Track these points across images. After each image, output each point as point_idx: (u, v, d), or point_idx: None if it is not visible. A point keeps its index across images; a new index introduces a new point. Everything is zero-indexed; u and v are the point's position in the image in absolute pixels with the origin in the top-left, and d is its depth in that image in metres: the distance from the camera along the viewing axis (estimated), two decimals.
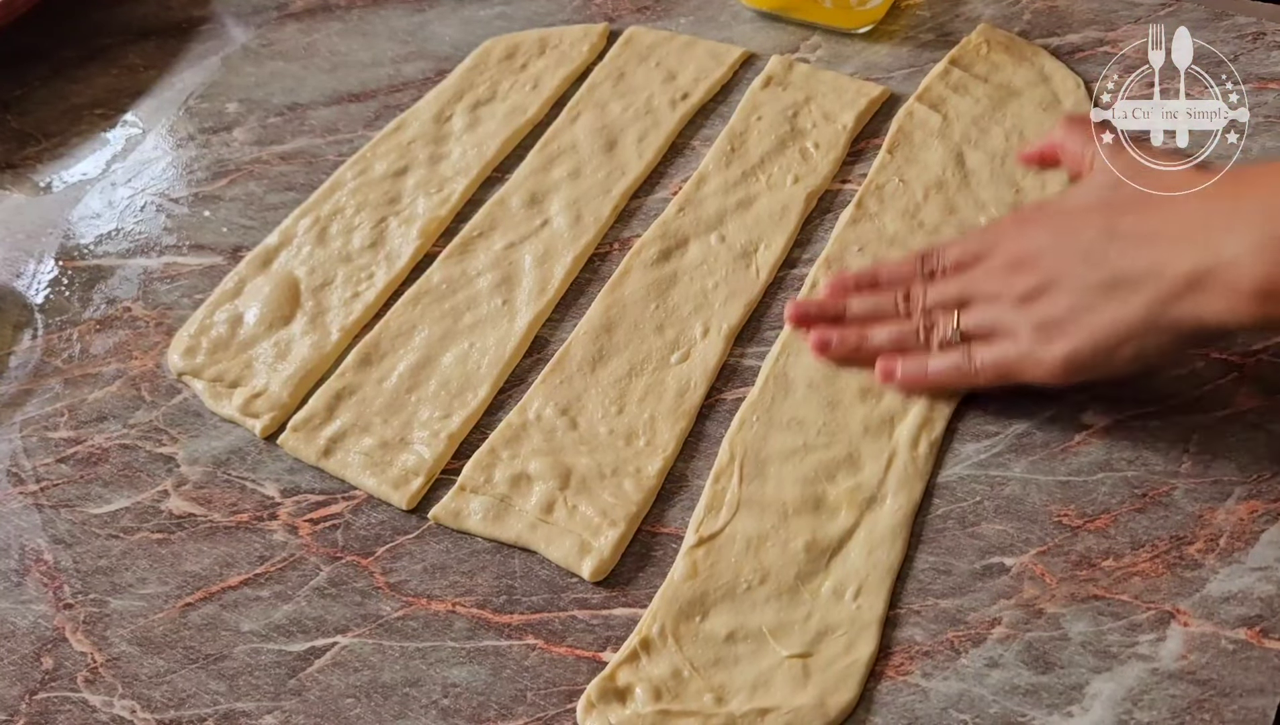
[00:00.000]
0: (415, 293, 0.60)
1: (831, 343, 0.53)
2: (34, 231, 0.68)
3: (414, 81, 0.73)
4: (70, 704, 0.47)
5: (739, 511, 0.49)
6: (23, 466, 0.56)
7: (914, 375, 0.51)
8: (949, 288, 0.52)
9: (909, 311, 0.52)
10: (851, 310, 0.54)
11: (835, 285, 0.55)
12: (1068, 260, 0.48)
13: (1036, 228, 0.50)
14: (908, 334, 0.52)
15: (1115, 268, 0.46)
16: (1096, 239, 0.47)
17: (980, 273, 0.51)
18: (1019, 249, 0.50)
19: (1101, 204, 0.49)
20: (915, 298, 0.52)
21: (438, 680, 0.46)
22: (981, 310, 0.50)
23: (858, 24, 0.71)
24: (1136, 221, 0.47)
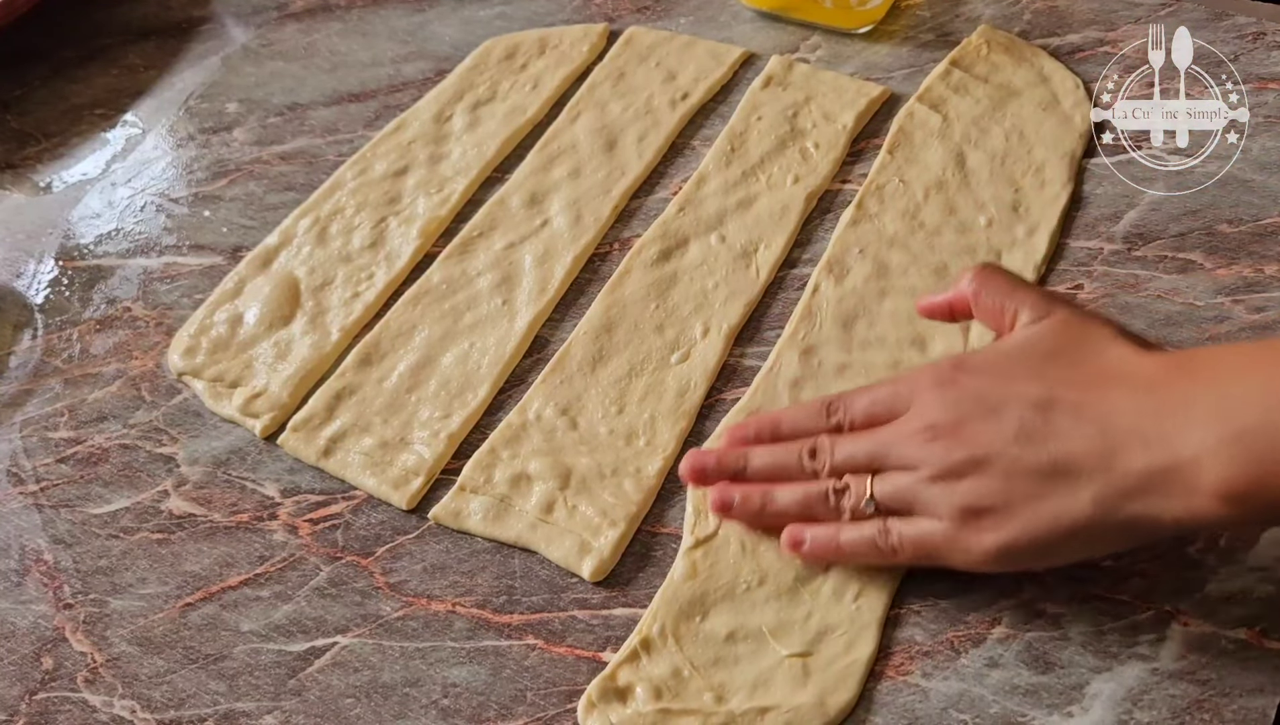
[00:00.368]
0: (415, 293, 0.60)
1: (733, 503, 0.47)
2: (34, 231, 0.68)
3: (414, 81, 0.73)
4: (70, 704, 0.47)
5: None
6: (23, 466, 0.56)
7: (824, 546, 0.46)
8: (859, 446, 0.46)
9: (816, 470, 0.46)
10: (753, 465, 0.48)
11: (734, 436, 0.49)
12: (996, 437, 0.42)
13: (958, 392, 0.44)
14: (816, 497, 0.46)
15: (1056, 453, 0.41)
16: (1031, 415, 0.42)
17: (894, 434, 0.45)
18: (938, 415, 0.44)
19: (1033, 372, 0.43)
20: (822, 453, 0.46)
21: (438, 680, 0.46)
22: (898, 480, 0.44)
23: (858, 24, 0.71)
24: (1078, 400, 0.41)
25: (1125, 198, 0.60)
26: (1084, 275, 0.57)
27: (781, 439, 0.48)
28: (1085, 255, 0.58)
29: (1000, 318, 0.46)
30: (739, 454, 0.48)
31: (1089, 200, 0.60)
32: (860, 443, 0.46)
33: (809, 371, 0.54)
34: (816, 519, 0.46)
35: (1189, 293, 0.55)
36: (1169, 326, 0.54)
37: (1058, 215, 0.59)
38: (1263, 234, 0.57)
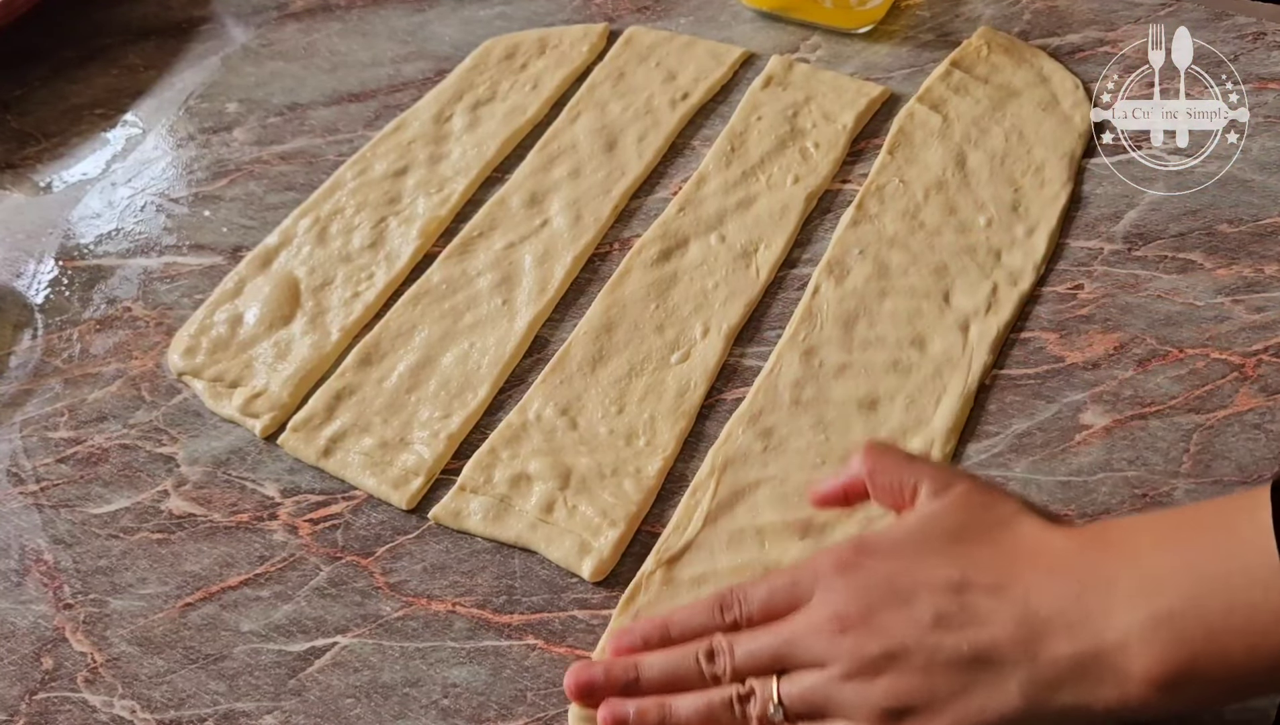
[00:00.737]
0: (415, 293, 0.60)
1: (627, 719, 0.42)
2: (34, 231, 0.68)
3: (414, 81, 0.73)
4: (70, 704, 0.47)
5: (706, 529, 0.49)
6: (23, 466, 0.56)
7: None
8: (759, 642, 0.41)
9: (716, 674, 0.42)
10: (645, 675, 0.43)
11: (621, 643, 0.44)
12: (912, 626, 0.39)
13: (864, 577, 0.40)
14: (719, 705, 0.41)
15: (977, 641, 0.38)
16: (945, 600, 0.39)
17: (798, 627, 0.41)
18: (845, 603, 0.40)
19: (942, 552, 0.40)
20: (720, 655, 0.42)
21: (438, 680, 0.46)
22: (806, 679, 0.40)
23: (858, 24, 0.71)
24: (993, 582, 0.39)
25: (1125, 198, 0.60)
26: (1084, 275, 0.57)
27: (673, 642, 0.44)
28: (1085, 255, 0.58)
29: (899, 495, 0.43)
30: (628, 664, 0.43)
31: (1089, 200, 0.60)
32: (760, 639, 0.42)
33: (810, 373, 0.54)
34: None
35: (1189, 293, 0.55)
36: (1169, 326, 0.54)
37: (1057, 215, 0.59)
38: (1263, 234, 0.57)
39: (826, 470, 0.50)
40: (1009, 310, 0.55)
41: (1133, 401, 0.51)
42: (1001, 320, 0.55)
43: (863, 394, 0.53)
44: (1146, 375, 0.52)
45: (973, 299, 0.56)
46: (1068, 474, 0.50)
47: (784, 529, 0.48)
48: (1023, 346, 0.55)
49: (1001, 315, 0.55)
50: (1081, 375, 0.53)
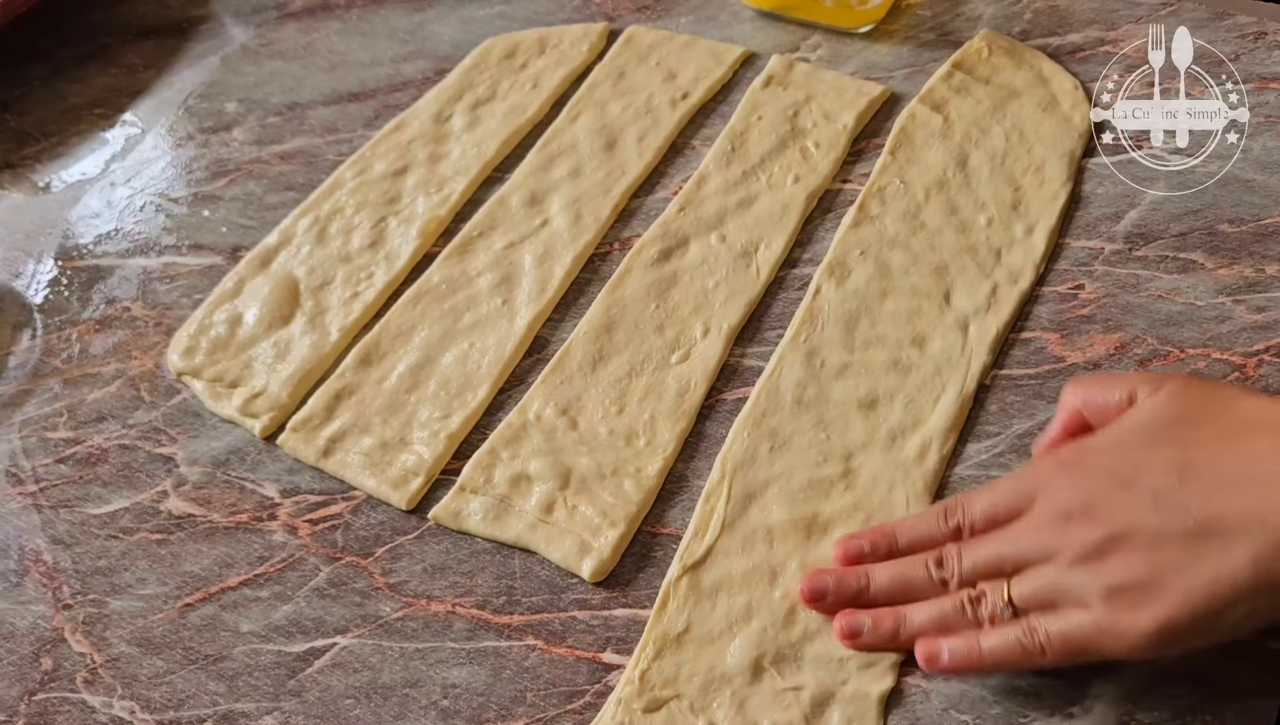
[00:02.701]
0: (415, 293, 0.60)
1: (863, 631, 0.44)
2: (33, 231, 0.68)
3: (414, 81, 0.73)
4: (69, 705, 0.47)
5: (724, 534, 0.49)
6: (22, 467, 0.56)
7: (964, 658, 0.42)
8: (987, 549, 0.43)
9: (944, 581, 0.44)
10: (877, 584, 0.45)
11: (849, 552, 0.47)
12: (1135, 507, 0.39)
13: (1085, 471, 0.42)
14: (951, 612, 0.43)
15: (1202, 514, 0.38)
16: (1167, 479, 0.39)
17: (1023, 529, 0.42)
18: (1067, 498, 0.41)
19: (1162, 438, 0.41)
20: (948, 562, 0.44)
21: (437, 681, 0.46)
22: (1036, 576, 0.41)
23: (858, 23, 0.71)
24: (1215, 458, 0.39)
25: (1126, 198, 0.60)
26: (1085, 275, 0.57)
27: (899, 551, 0.46)
28: (1086, 255, 0.58)
29: (1116, 408, 0.43)
30: (859, 573, 0.46)
31: (1089, 200, 0.60)
32: (988, 544, 0.43)
33: (811, 373, 0.54)
34: (953, 633, 0.43)
35: (1190, 293, 0.55)
36: (1170, 326, 0.54)
37: (1057, 213, 0.59)
38: (1264, 234, 0.57)
39: (828, 468, 0.50)
40: (1009, 309, 0.55)
41: None
42: (1001, 320, 0.55)
43: (863, 393, 0.53)
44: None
45: (973, 299, 0.56)
46: None
47: (791, 528, 0.48)
48: (1023, 346, 0.54)
49: (1001, 315, 0.55)
50: (1082, 375, 0.53)
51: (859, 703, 0.43)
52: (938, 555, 0.44)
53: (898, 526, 0.47)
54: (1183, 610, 0.38)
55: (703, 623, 0.46)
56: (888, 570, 0.45)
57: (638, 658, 0.46)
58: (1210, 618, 0.38)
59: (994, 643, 0.42)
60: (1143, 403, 0.42)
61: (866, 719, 0.43)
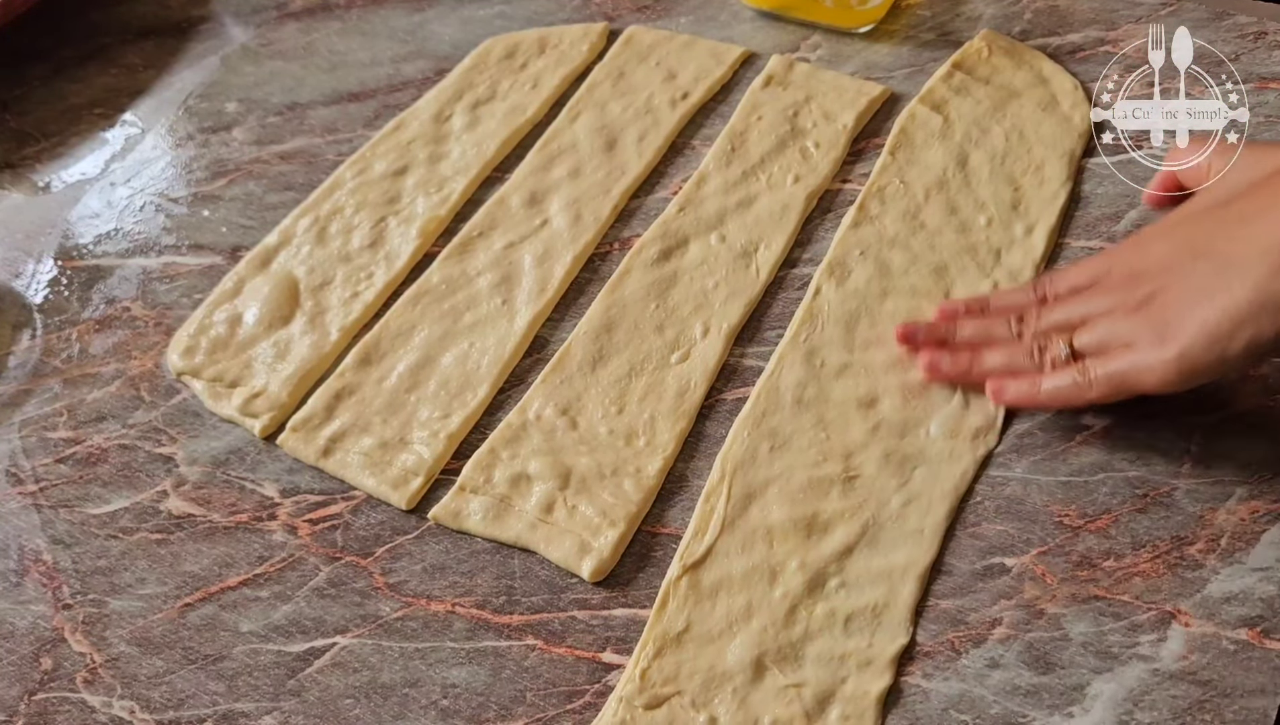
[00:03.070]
0: (415, 293, 0.60)
1: (942, 366, 0.52)
2: (33, 231, 0.68)
3: (413, 81, 0.73)
4: (69, 704, 0.47)
5: (723, 534, 0.49)
6: (22, 467, 0.56)
7: (1024, 392, 0.50)
8: (1062, 311, 0.50)
9: (1020, 333, 0.51)
10: (962, 334, 0.53)
11: (945, 310, 0.54)
12: (1178, 258, 0.46)
13: (1154, 242, 0.49)
14: (1020, 355, 0.51)
15: (1222, 253, 0.44)
16: (1202, 233, 0.46)
17: (1094, 292, 0.50)
18: (1136, 263, 0.48)
19: (1214, 204, 0.48)
20: (1029, 319, 0.51)
21: (437, 681, 0.46)
22: (1095, 326, 0.49)
23: (858, 23, 0.71)
24: (1242, 205, 0.46)
25: (1125, 197, 0.60)
26: None
27: (989, 314, 0.53)
28: (1086, 255, 0.58)
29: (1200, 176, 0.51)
30: (948, 324, 0.54)
31: (1089, 200, 0.60)
32: (1064, 308, 0.50)
33: (811, 373, 0.54)
34: (1020, 376, 0.50)
35: None
36: None
37: (1056, 213, 0.59)
38: None
39: (828, 468, 0.50)
40: None
41: (1133, 401, 0.51)
42: None
43: (863, 393, 0.53)
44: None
45: None
46: (1068, 474, 0.49)
47: (791, 527, 0.48)
48: None
49: None
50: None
51: (858, 701, 0.43)
52: (1020, 313, 0.52)
53: (992, 294, 0.55)
54: (1198, 339, 0.44)
55: (703, 622, 0.46)
56: (973, 323, 0.53)
57: (638, 657, 0.46)
58: (1220, 344, 0.44)
59: (1052, 382, 0.49)
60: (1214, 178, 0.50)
61: (865, 718, 0.43)
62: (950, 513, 0.48)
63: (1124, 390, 0.47)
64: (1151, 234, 0.50)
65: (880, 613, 0.46)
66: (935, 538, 0.48)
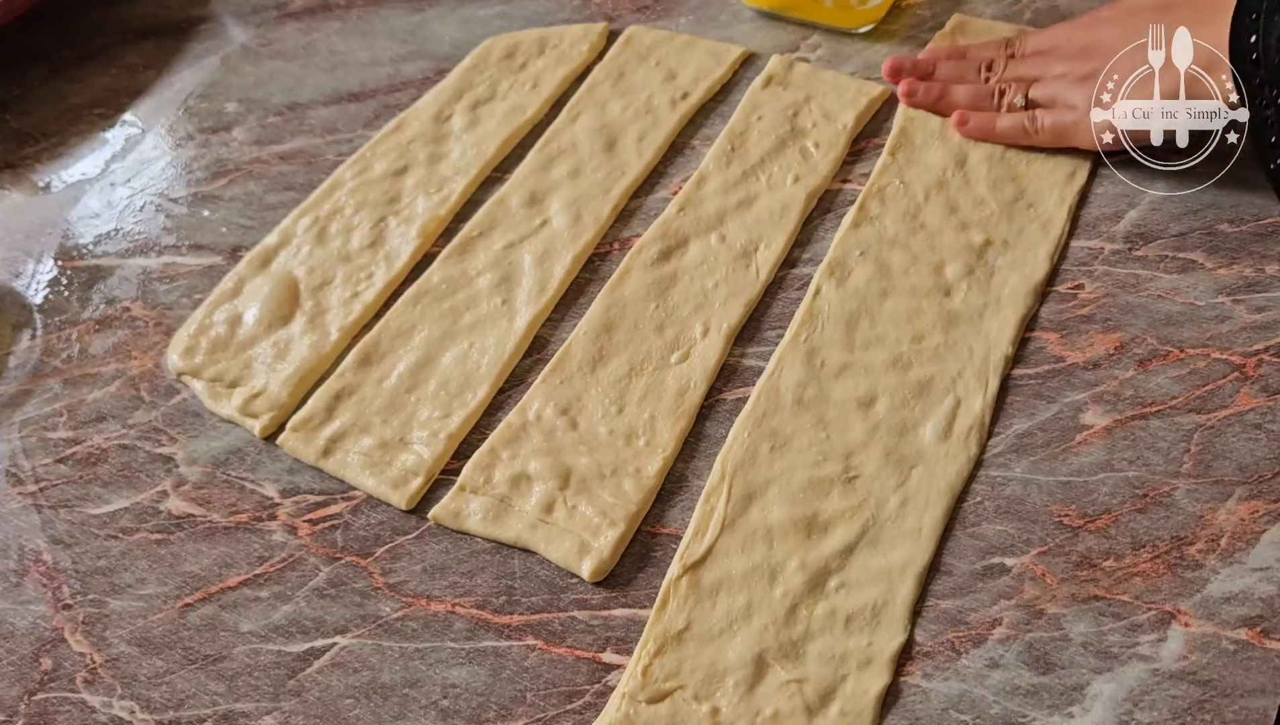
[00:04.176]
0: (415, 293, 0.60)
1: (918, 92, 0.64)
2: (33, 231, 0.68)
3: (413, 81, 0.73)
4: (69, 704, 0.47)
5: (724, 534, 0.49)
6: (21, 467, 0.56)
7: (982, 126, 0.61)
8: (1025, 67, 0.62)
9: (988, 80, 0.63)
10: (939, 72, 0.65)
11: (929, 52, 0.66)
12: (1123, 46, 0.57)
13: (1104, 26, 0.60)
14: (983, 94, 0.62)
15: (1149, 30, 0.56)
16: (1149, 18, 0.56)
17: (1056, 56, 0.61)
18: (1088, 39, 0.60)
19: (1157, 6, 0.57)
20: (996, 68, 0.63)
21: (437, 681, 0.46)
22: (1047, 84, 0.60)
23: (858, 23, 0.71)
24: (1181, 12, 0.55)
25: (1126, 197, 0.60)
26: (1085, 275, 0.57)
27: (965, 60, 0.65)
28: (1086, 255, 0.58)
29: None
30: (928, 62, 0.66)
31: (1089, 200, 0.60)
32: (1027, 65, 0.62)
33: (811, 373, 0.54)
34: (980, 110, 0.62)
35: (1190, 292, 0.55)
36: (1169, 326, 0.54)
37: (1065, 211, 0.59)
38: (1263, 234, 0.57)
39: (828, 467, 0.50)
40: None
41: (1133, 401, 0.51)
42: None
43: (863, 393, 0.53)
44: (1147, 375, 0.52)
45: None
46: (1068, 474, 0.49)
47: (791, 527, 0.48)
48: (1023, 346, 0.54)
49: None
50: (1082, 375, 0.53)
51: (858, 699, 0.43)
52: (989, 60, 0.64)
53: (970, 45, 0.66)
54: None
55: (703, 621, 0.46)
56: (950, 64, 0.65)
57: (639, 654, 0.46)
58: None
59: (1006, 121, 0.61)
60: None
61: (864, 716, 0.43)
62: (947, 512, 0.48)
63: (1063, 140, 0.60)
64: (1104, 17, 0.61)
65: (879, 612, 0.46)
66: (933, 537, 0.48)
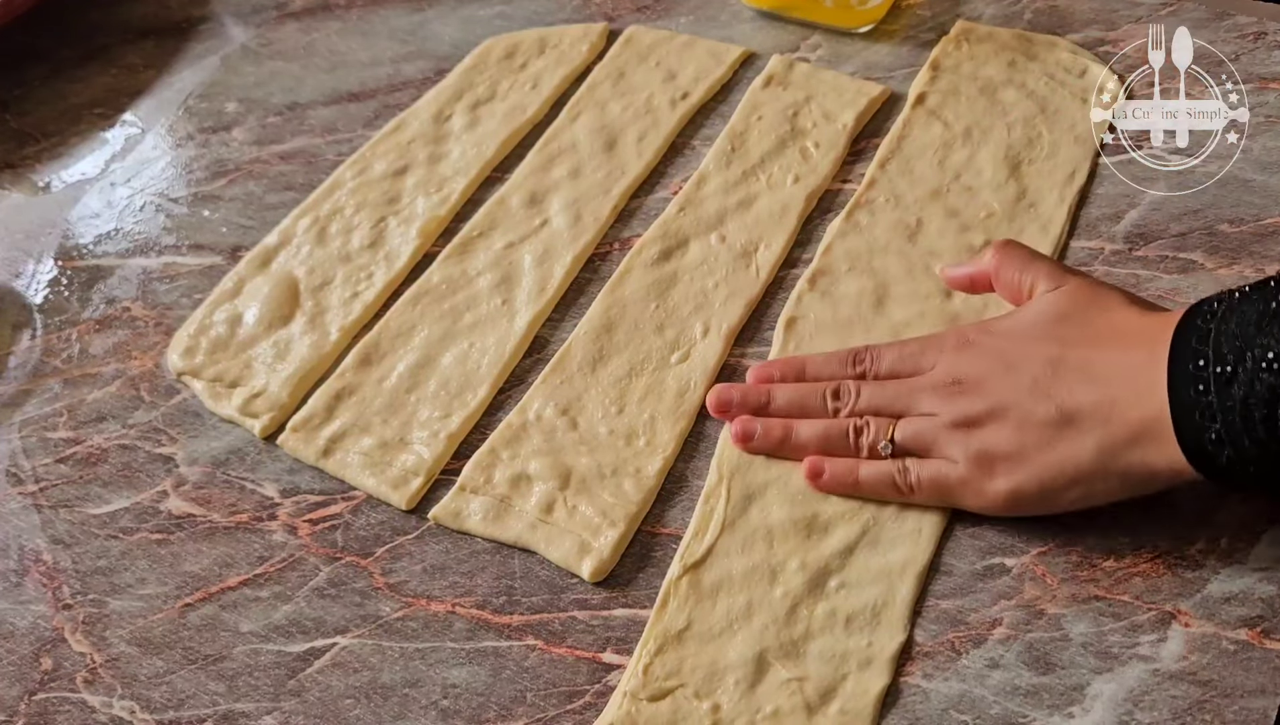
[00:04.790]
0: (415, 293, 0.60)
1: (755, 434, 0.50)
2: (33, 231, 0.68)
3: (413, 81, 0.73)
4: (69, 704, 0.47)
5: (724, 534, 0.49)
6: (22, 467, 0.56)
7: (843, 479, 0.49)
8: (882, 393, 0.50)
9: (838, 409, 0.50)
10: (776, 402, 0.51)
11: (759, 375, 0.53)
12: (1012, 391, 0.46)
13: (979, 352, 0.48)
14: (836, 433, 0.49)
15: (1063, 405, 0.44)
16: (1042, 372, 0.45)
17: (920, 385, 0.49)
18: (960, 370, 0.48)
19: (1047, 336, 0.47)
20: (845, 395, 0.50)
21: (437, 681, 0.46)
22: (918, 425, 0.48)
23: (858, 23, 0.71)
24: (1084, 358, 0.45)
25: (1126, 197, 0.60)
26: None
27: (805, 381, 0.52)
28: (1086, 255, 0.58)
29: (1018, 291, 0.49)
30: (762, 390, 0.52)
31: (1090, 200, 0.60)
32: (884, 390, 0.50)
33: None
34: (835, 455, 0.49)
35: (1190, 293, 0.55)
36: None
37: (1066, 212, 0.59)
38: (1264, 234, 0.57)
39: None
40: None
41: None
42: None
43: None
44: None
45: (972, 300, 0.56)
46: None
47: (791, 528, 0.48)
48: None
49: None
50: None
51: (858, 699, 0.43)
52: (835, 387, 0.51)
53: (808, 359, 0.53)
54: (1032, 482, 0.45)
55: (704, 620, 0.46)
56: (789, 391, 0.51)
57: (639, 653, 0.46)
58: (1052, 493, 0.45)
59: (870, 472, 0.48)
60: (1040, 297, 0.48)
61: (864, 715, 0.43)
62: (947, 512, 0.48)
63: (946, 501, 0.48)
64: (977, 342, 0.48)
65: (879, 612, 0.46)
66: (933, 537, 0.48)
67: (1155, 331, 0.43)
